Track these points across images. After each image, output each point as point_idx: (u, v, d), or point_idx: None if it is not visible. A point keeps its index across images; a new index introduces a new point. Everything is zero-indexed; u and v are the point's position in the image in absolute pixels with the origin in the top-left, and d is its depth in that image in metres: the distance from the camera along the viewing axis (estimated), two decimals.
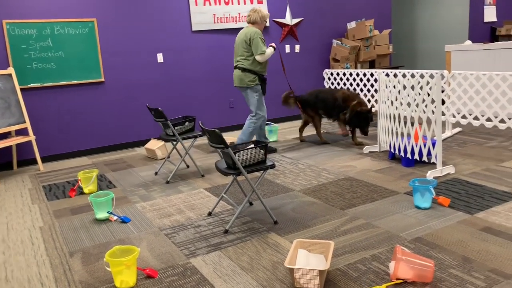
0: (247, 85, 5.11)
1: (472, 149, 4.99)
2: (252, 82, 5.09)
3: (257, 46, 4.96)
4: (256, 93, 5.14)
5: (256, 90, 5.14)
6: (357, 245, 2.87)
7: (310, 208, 3.56)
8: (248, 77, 5.08)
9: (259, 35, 4.98)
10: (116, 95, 6.25)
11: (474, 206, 3.37)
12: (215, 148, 3.20)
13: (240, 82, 5.15)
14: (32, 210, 4.01)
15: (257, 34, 4.99)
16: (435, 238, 2.89)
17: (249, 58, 5.06)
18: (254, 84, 5.10)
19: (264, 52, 4.99)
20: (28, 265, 2.92)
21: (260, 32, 5.03)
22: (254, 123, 5.24)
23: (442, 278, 2.41)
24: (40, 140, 5.84)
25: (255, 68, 5.09)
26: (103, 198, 3.60)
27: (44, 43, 5.70)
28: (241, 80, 5.13)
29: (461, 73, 5.21)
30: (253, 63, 5.07)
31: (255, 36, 4.97)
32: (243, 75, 5.10)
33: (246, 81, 5.10)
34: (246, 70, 5.08)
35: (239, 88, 5.26)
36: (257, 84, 5.12)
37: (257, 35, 4.98)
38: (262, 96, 5.21)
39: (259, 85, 5.15)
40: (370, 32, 7.42)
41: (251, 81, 5.09)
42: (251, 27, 5.08)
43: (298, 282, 2.41)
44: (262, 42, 5.00)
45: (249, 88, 5.14)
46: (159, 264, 2.80)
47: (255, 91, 5.14)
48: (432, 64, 9.07)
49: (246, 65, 5.08)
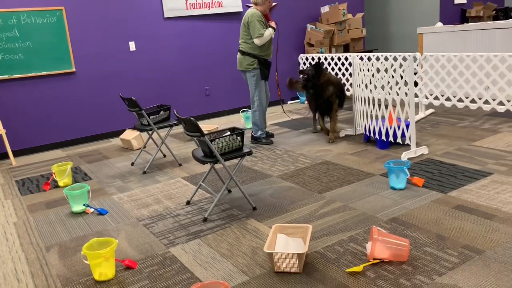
0: (245, 68, 5.01)
1: (444, 129, 5.10)
2: (250, 65, 4.96)
3: (254, 28, 4.81)
4: (254, 77, 5.01)
5: (253, 74, 5.00)
6: (335, 227, 2.92)
7: (288, 193, 3.59)
8: (246, 60, 4.97)
9: (257, 17, 4.80)
10: (88, 85, 6.11)
11: (447, 185, 3.46)
12: (191, 137, 3.18)
13: (240, 65, 5.08)
14: (5, 206, 3.92)
15: (255, 16, 4.81)
16: (410, 217, 2.95)
17: (248, 41, 4.93)
18: (251, 67, 4.97)
19: (261, 35, 4.81)
20: (3, 262, 2.86)
21: (259, 14, 4.84)
22: (256, 112, 5.14)
23: (418, 256, 2.47)
24: (11, 133, 5.68)
25: (254, 52, 4.94)
26: (79, 191, 3.54)
27: (10, 33, 5.51)
28: (240, 63, 5.06)
29: (433, 55, 5.28)
30: (253, 46, 4.92)
31: (252, 18, 4.81)
32: (242, 58, 5.00)
33: (244, 65, 5.00)
34: (245, 54, 4.97)
35: (241, 71, 5.17)
36: (255, 68, 4.97)
37: (254, 17, 4.80)
38: (261, 81, 5.06)
39: (258, 69, 4.99)
40: (343, 16, 7.43)
41: (249, 64, 4.96)
42: (252, 9, 4.90)
43: (277, 266, 2.43)
44: (260, 24, 4.81)
45: (247, 72, 5.04)
46: (138, 255, 2.79)
47: (253, 75, 5.01)
48: (405, 46, 9.18)
49: (245, 49, 4.96)
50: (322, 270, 2.42)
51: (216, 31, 7.00)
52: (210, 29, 6.93)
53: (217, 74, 7.12)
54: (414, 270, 2.35)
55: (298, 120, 6.36)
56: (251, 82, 5.05)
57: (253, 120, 5.21)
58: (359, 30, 7.77)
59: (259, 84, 5.05)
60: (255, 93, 5.07)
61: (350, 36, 7.69)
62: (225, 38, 7.09)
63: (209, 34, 6.94)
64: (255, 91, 5.06)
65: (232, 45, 7.15)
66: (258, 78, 5.03)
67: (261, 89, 5.07)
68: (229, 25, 7.09)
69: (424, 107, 5.86)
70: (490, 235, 2.62)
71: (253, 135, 5.30)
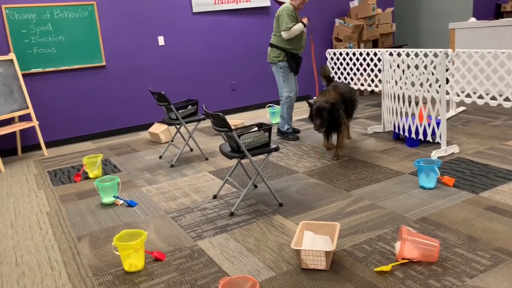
0: (272, 60, 5.03)
1: (476, 128, 4.98)
2: (276, 58, 4.97)
3: (282, 22, 4.81)
4: (281, 70, 4.99)
5: (280, 67, 4.99)
6: (363, 226, 2.89)
7: (315, 190, 3.58)
8: (274, 52, 4.99)
9: (287, 11, 4.80)
10: (118, 79, 6.22)
11: (479, 185, 3.38)
12: (219, 132, 3.20)
13: (268, 57, 5.10)
14: (38, 196, 4.04)
15: (286, 10, 4.81)
16: (440, 217, 2.90)
17: (277, 34, 4.95)
18: (278, 60, 4.96)
19: (288, 28, 4.79)
20: (37, 250, 2.95)
21: (290, 8, 4.83)
22: (284, 105, 5.13)
23: (448, 257, 2.43)
24: (43, 125, 5.84)
25: (282, 45, 4.93)
26: (109, 183, 3.62)
27: (44, 27, 5.65)
28: (268, 55, 5.09)
29: (466, 51, 5.15)
30: (281, 39, 4.92)
31: (282, 12, 4.82)
32: (270, 50, 5.04)
33: (271, 57, 5.02)
34: (273, 46, 5.00)
35: (270, 64, 5.18)
36: (281, 61, 4.95)
37: (285, 11, 4.81)
38: (288, 74, 5.02)
39: (285, 62, 4.96)
40: (373, 11, 7.32)
41: (275, 56, 4.97)
42: (286, 4, 4.92)
43: (305, 263, 2.43)
44: (289, 18, 4.79)
45: (273, 65, 5.05)
46: (166, 247, 2.83)
47: (280, 67, 4.99)
48: (436, 42, 8.96)
49: (274, 41, 4.99)
50: (349, 269, 2.41)
51: (243, 26, 7.00)
52: (237, 24, 6.94)
53: (243, 69, 7.13)
54: (444, 271, 2.31)
55: None
56: (278, 75, 5.05)
57: (281, 113, 5.22)
58: (388, 25, 7.63)
59: (287, 77, 5.02)
60: (283, 85, 5.05)
61: (379, 31, 7.57)
62: (252, 33, 7.08)
63: (236, 29, 6.95)
64: (283, 84, 5.05)
65: (259, 40, 7.14)
66: (286, 71, 5.00)
67: (289, 82, 5.04)
68: (257, 20, 7.09)
69: (455, 104, 5.73)
70: None
71: (280, 129, 5.30)
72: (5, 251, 2.97)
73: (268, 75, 7.32)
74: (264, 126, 3.37)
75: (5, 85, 5.18)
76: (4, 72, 5.20)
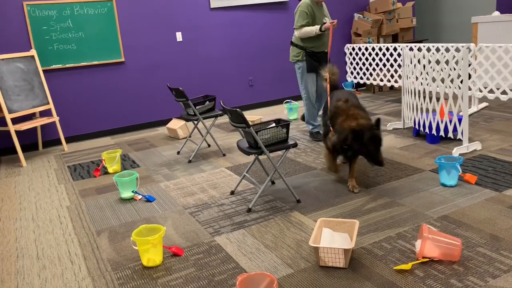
0: (291, 60, 4.84)
1: (499, 124, 4.86)
2: (296, 57, 4.76)
3: (296, 19, 4.61)
4: (300, 70, 4.77)
5: (298, 67, 4.77)
6: (382, 223, 2.85)
7: (333, 187, 3.54)
8: (293, 51, 4.79)
9: (302, 8, 4.54)
10: (136, 75, 6.26)
11: (502, 183, 3.29)
12: (237, 128, 3.19)
13: (290, 56, 4.91)
14: (59, 190, 4.10)
15: (302, 6, 4.56)
16: (462, 216, 2.84)
17: (295, 32, 4.73)
18: (297, 59, 4.75)
19: (298, 27, 4.59)
20: (58, 244, 3.00)
21: (306, 5, 4.54)
22: (306, 105, 4.91)
23: (470, 257, 2.38)
24: (63, 120, 5.92)
25: (300, 43, 4.70)
26: (128, 178, 3.65)
27: (64, 24, 5.72)
28: (290, 54, 4.90)
29: (489, 46, 5.03)
30: (300, 37, 4.68)
31: (299, 8, 4.60)
32: (291, 49, 4.84)
33: (291, 56, 4.84)
34: (293, 44, 4.79)
35: None
36: (300, 60, 4.72)
37: (301, 7, 4.56)
38: (305, 75, 4.73)
39: (303, 62, 4.71)
40: (393, 5, 7.20)
41: (295, 56, 4.77)
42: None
43: (323, 261, 2.41)
44: (301, 16, 4.54)
45: (294, 64, 4.85)
46: (184, 242, 2.84)
47: (298, 68, 4.78)
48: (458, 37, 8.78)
49: (293, 39, 4.79)
50: (368, 267, 2.38)
51: (261, 21, 6.96)
52: (255, 19, 6.91)
53: (260, 65, 7.10)
54: (466, 270, 2.26)
55: None
56: (298, 75, 4.84)
57: (305, 115, 5.00)
58: (409, 19, 7.50)
59: (305, 77, 4.77)
60: (302, 86, 4.84)
61: (399, 26, 7.44)
62: (269, 28, 7.04)
63: (253, 25, 6.92)
64: (301, 84, 4.84)
65: (276, 35, 7.10)
66: (304, 71, 4.75)
67: (307, 82, 4.78)
68: (274, 15, 7.04)
69: (477, 100, 5.61)
70: None
71: (309, 131, 5.03)
72: (26, 245, 3.02)
73: (285, 70, 7.28)
74: (282, 122, 3.35)
75: (27, 81, 5.26)
76: (26, 68, 5.28)
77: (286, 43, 7.21)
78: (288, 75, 7.27)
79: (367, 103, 6.65)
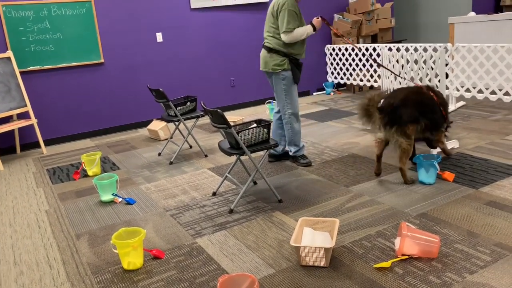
0: (272, 69, 3.90)
1: (476, 122, 4.96)
2: (279, 66, 3.87)
3: (283, 20, 3.75)
4: (284, 81, 3.90)
5: (283, 77, 3.89)
6: (362, 222, 2.88)
7: (314, 186, 3.56)
8: (274, 59, 3.88)
9: (289, 7, 3.76)
10: (116, 76, 6.19)
11: (479, 180, 3.36)
12: (218, 128, 3.18)
13: (265, 65, 3.96)
14: (37, 194, 4.03)
15: (287, 5, 3.76)
16: (440, 213, 2.89)
17: (277, 36, 3.86)
18: (281, 69, 3.87)
19: (290, 30, 3.76)
20: (36, 248, 2.94)
21: (292, 3, 3.78)
22: (288, 124, 4.03)
23: (448, 253, 2.42)
24: (42, 123, 5.82)
25: (285, 49, 3.86)
26: (108, 181, 3.61)
27: (41, 25, 5.62)
28: (265, 63, 3.95)
29: (465, 46, 5.13)
30: (283, 42, 3.85)
31: (284, 6, 3.76)
32: (268, 56, 3.91)
33: (270, 65, 3.90)
34: (273, 51, 3.88)
35: (265, 73, 4.07)
36: (285, 70, 3.88)
37: (286, 6, 3.75)
38: (292, 86, 3.95)
39: (289, 71, 3.90)
40: (372, 6, 7.28)
41: (277, 65, 3.87)
42: None
43: (304, 260, 2.42)
44: (292, 16, 3.75)
45: (274, 74, 3.93)
46: (165, 245, 2.82)
47: (282, 79, 3.90)
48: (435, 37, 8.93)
49: (273, 44, 3.87)
50: (349, 265, 2.40)
51: (242, 22, 6.97)
52: (236, 19, 6.91)
53: (242, 65, 7.10)
54: (444, 267, 2.30)
55: (324, 111, 6.30)
56: (280, 87, 3.95)
57: (287, 135, 4.11)
58: (387, 20, 7.60)
59: (291, 90, 3.95)
60: (287, 100, 3.95)
61: (379, 26, 7.54)
62: (250, 29, 7.05)
63: (235, 25, 6.92)
64: (285, 98, 3.95)
65: (257, 36, 7.11)
66: (290, 81, 3.92)
67: (293, 95, 3.97)
68: (255, 16, 7.05)
69: (454, 99, 5.71)
70: None
71: (291, 154, 4.18)
72: (3, 250, 2.96)
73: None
74: (263, 123, 3.35)
75: (3, 83, 5.15)
76: (2, 70, 5.18)
77: None
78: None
79: (347, 103, 6.72)
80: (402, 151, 3.42)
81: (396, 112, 3.37)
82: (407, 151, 3.42)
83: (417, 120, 3.38)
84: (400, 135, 3.39)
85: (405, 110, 3.36)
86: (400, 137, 3.40)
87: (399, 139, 3.41)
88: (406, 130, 3.37)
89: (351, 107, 6.37)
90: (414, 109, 3.38)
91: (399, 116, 3.36)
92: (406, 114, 3.35)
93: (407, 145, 3.40)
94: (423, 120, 3.40)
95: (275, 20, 3.86)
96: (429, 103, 3.49)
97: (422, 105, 3.44)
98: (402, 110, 3.36)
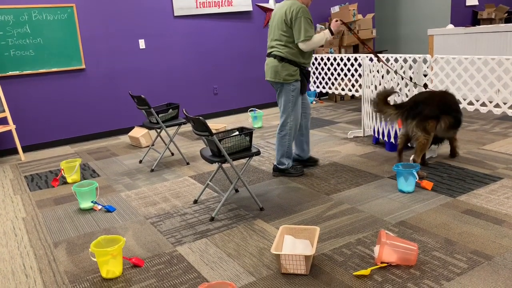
0: (284, 80, 3.75)
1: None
2: (292, 77, 3.74)
3: (300, 29, 3.62)
4: (293, 92, 3.79)
5: (293, 88, 3.79)
6: (342, 229, 2.90)
7: (296, 194, 3.58)
8: (286, 69, 3.73)
9: (304, 14, 3.62)
10: (97, 82, 6.14)
11: (456, 189, 3.43)
12: (200, 136, 3.18)
13: (275, 75, 3.78)
14: (14, 201, 3.95)
15: (303, 12, 3.62)
16: (419, 221, 2.93)
17: (289, 45, 3.71)
18: (293, 79, 3.75)
19: (310, 37, 3.65)
20: (12, 257, 2.88)
21: (306, 9, 3.65)
22: (286, 136, 3.90)
23: (426, 261, 2.46)
24: (20, 129, 5.72)
25: (298, 59, 3.75)
26: (87, 188, 3.56)
27: (21, 29, 5.55)
28: (276, 73, 3.77)
29: (444, 57, 5.25)
30: (297, 51, 3.73)
31: (299, 14, 3.61)
32: (280, 66, 3.74)
33: (283, 75, 3.74)
34: (284, 60, 3.73)
35: (272, 83, 3.88)
36: (296, 80, 3.78)
37: (302, 13, 3.61)
38: (299, 96, 3.86)
39: (299, 82, 3.81)
40: (353, 17, 7.40)
41: (290, 75, 3.74)
42: (293, 1, 3.71)
43: (284, 268, 2.43)
44: (308, 24, 3.64)
45: (285, 84, 3.79)
46: (145, 253, 2.79)
47: (293, 90, 3.79)
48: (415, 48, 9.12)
49: (284, 54, 3.72)
50: (329, 273, 2.42)
51: (225, 30, 7.00)
52: (219, 28, 6.94)
53: (225, 73, 7.12)
54: (422, 274, 2.33)
55: None
56: (289, 98, 3.81)
57: (279, 147, 3.96)
58: (369, 31, 7.73)
59: (297, 102, 3.85)
60: (291, 112, 3.84)
61: (360, 37, 7.65)
62: (234, 37, 7.08)
63: (218, 33, 6.94)
64: (291, 110, 3.84)
65: (240, 44, 7.15)
66: (297, 93, 3.83)
67: (297, 108, 3.87)
68: (238, 24, 7.09)
69: None
70: (500, 241, 2.60)
71: (278, 167, 4.04)
72: None
73: (250, 79, 7.32)
74: (245, 130, 3.36)
75: None
76: None
77: (251, 52, 7.26)
78: (253, 84, 7.32)
79: (329, 112, 6.79)
80: (419, 145, 3.72)
81: (418, 107, 3.70)
82: (424, 146, 3.71)
83: (437, 117, 3.67)
84: (419, 129, 3.68)
85: (427, 107, 3.68)
86: (418, 131, 3.69)
87: (417, 133, 3.70)
88: (426, 125, 3.66)
89: (333, 116, 6.44)
90: (436, 107, 3.68)
91: (420, 110, 3.67)
92: (427, 110, 3.65)
93: (424, 140, 3.69)
94: (447, 118, 3.69)
95: (288, 28, 3.69)
96: (454, 102, 3.82)
97: (445, 104, 3.75)
98: (423, 106, 3.69)
